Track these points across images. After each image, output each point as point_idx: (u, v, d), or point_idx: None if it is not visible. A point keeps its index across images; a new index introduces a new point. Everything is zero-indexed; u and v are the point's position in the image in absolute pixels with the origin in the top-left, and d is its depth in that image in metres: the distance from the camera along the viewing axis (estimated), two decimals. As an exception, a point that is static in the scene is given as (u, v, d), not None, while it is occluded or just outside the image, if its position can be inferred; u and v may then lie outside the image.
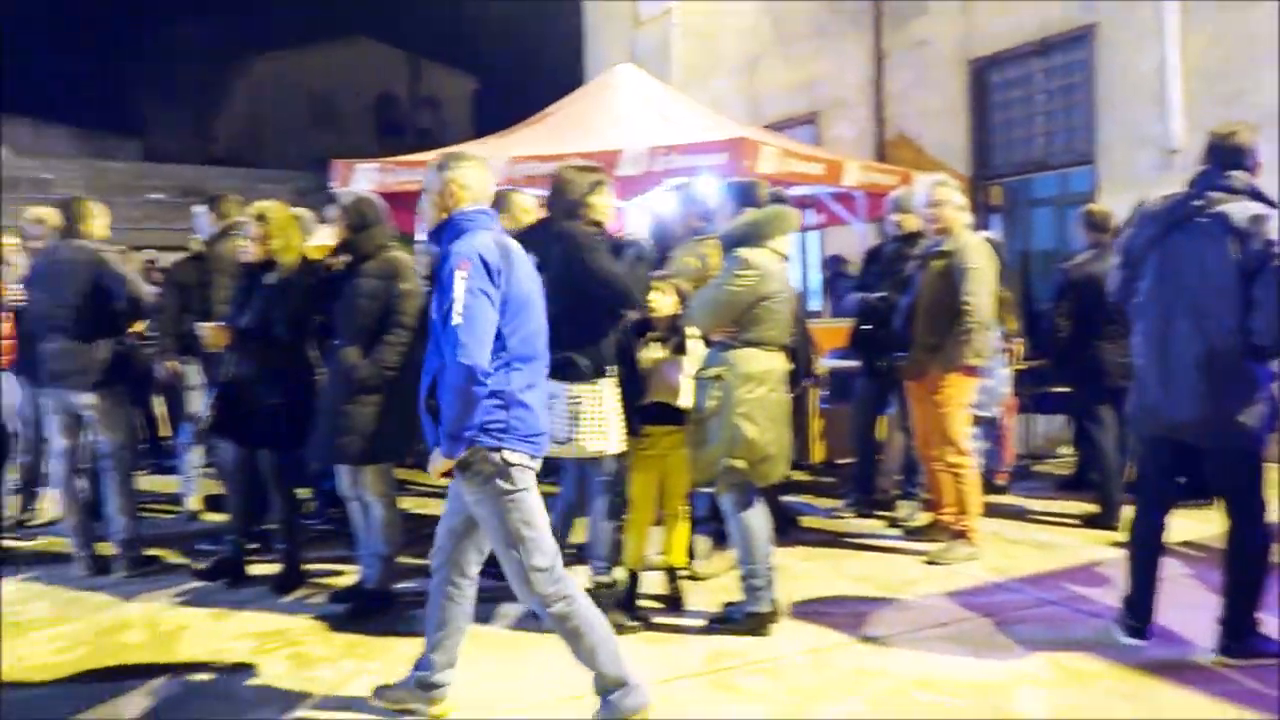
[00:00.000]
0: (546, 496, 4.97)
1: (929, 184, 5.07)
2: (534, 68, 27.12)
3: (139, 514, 5.13)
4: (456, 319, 2.80)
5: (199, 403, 5.53)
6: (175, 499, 6.26)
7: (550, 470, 5.67)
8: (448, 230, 3.04)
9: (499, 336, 2.91)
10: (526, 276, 3.07)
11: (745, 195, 4.03)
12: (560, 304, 3.86)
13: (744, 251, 3.82)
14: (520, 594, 3.06)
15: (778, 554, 4.03)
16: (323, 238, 4.94)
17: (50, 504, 5.96)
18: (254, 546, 5.03)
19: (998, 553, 5.04)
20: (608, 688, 3.03)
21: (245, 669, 3.72)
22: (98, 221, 5.04)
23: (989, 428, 6.17)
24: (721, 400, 3.80)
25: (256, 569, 4.85)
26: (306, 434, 4.40)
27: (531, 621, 4.08)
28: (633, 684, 3.04)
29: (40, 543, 5.68)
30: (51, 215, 5.52)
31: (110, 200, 5.26)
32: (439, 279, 2.93)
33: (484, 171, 3.17)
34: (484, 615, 4.14)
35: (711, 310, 3.84)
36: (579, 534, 4.21)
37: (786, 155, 7.24)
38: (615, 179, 4.90)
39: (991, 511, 5.55)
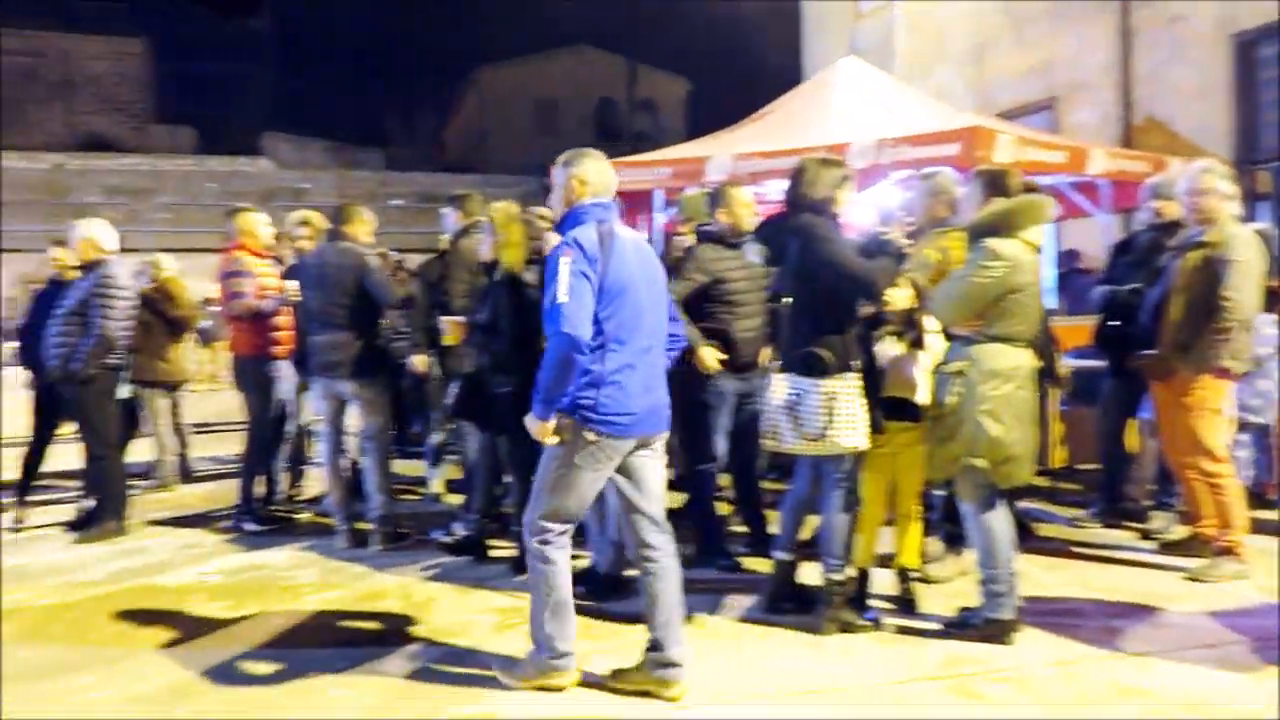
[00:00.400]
0: (776, 493, 5.05)
1: (1194, 170, 4.66)
2: (748, 68, 27.22)
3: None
4: (562, 296, 3.07)
5: (442, 394, 5.89)
6: (420, 482, 6.73)
7: (775, 466, 5.70)
8: (568, 221, 3.32)
9: (595, 320, 3.14)
10: (634, 263, 3.27)
11: (994, 184, 3.84)
12: (799, 297, 3.84)
13: (992, 242, 3.65)
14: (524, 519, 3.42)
15: (1016, 560, 3.84)
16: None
17: (315, 481, 6.55)
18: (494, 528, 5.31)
19: (1270, 573, 4.57)
20: (536, 641, 3.39)
21: (489, 641, 3.94)
22: (364, 227, 5.45)
23: (1259, 436, 5.61)
24: (964, 397, 3.66)
25: (496, 550, 5.12)
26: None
27: (758, 613, 4.12)
28: (550, 650, 3.34)
29: (306, 516, 6.26)
30: (315, 217, 6.06)
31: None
32: (549, 265, 3.20)
33: (604, 167, 3.39)
34: (711, 606, 4.20)
35: (956, 302, 3.70)
36: (807, 530, 4.17)
37: (1024, 143, 6.88)
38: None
39: (1261, 528, 5.05)
